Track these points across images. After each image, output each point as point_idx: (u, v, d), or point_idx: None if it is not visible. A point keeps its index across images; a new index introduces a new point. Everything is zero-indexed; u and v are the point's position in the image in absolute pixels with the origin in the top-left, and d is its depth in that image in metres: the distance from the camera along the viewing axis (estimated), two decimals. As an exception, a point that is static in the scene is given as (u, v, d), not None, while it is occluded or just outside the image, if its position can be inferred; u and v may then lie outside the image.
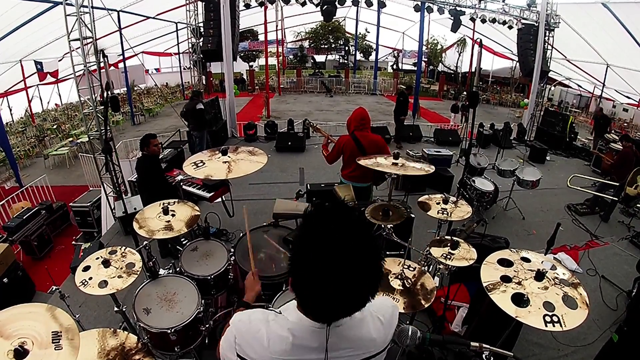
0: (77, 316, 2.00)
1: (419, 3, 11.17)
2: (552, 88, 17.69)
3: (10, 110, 12.59)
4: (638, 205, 5.16)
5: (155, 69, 21.04)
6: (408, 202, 4.32)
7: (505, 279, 1.87)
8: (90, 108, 5.33)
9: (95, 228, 5.75)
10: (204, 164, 2.53)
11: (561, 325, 1.62)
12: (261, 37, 22.56)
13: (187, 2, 11.09)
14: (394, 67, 27.31)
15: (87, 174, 7.76)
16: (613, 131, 11.47)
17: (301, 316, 0.94)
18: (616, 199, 5.31)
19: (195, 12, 10.74)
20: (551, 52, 11.35)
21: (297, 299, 0.94)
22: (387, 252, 2.81)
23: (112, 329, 1.90)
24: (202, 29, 10.45)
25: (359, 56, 26.72)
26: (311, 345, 0.93)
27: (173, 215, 2.59)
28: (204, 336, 2.30)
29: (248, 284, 1.50)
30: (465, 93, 17.96)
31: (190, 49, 11.90)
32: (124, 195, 5.16)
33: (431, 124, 11.95)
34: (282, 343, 0.92)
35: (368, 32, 25.92)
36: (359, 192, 3.58)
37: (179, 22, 15.71)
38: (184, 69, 18.70)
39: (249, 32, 23.53)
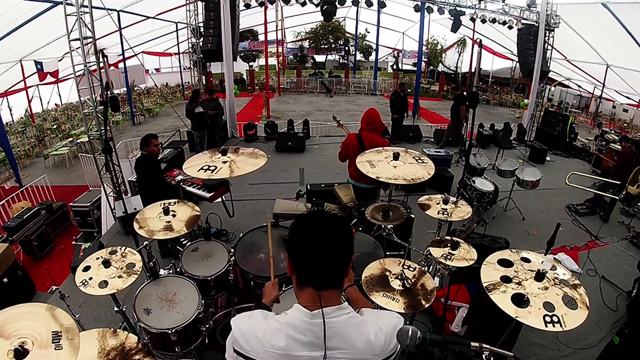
0: (77, 316, 1.99)
1: (419, 3, 11.16)
2: (552, 88, 17.68)
3: (10, 110, 12.56)
4: (639, 204, 5.17)
5: (155, 69, 21.00)
6: (408, 202, 4.32)
7: (506, 279, 1.87)
8: (90, 108, 5.32)
9: (95, 228, 5.75)
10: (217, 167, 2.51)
11: (561, 326, 1.62)
12: (261, 37, 22.51)
13: (187, 2, 11.07)
14: (394, 67, 27.26)
15: (87, 174, 7.75)
16: (613, 131, 11.46)
17: (298, 310, 1.00)
18: (617, 197, 5.31)
19: (195, 12, 10.72)
20: (551, 53, 11.34)
21: (293, 269, 1.06)
22: (387, 252, 2.81)
23: (112, 329, 1.90)
24: (202, 29, 10.42)
25: (359, 56, 26.68)
26: (305, 339, 0.96)
27: (174, 215, 2.59)
28: (204, 336, 2.30)
29: (266, 290, 1.54)
30: (465, 93, 17.92)
31: (190, 49, 11.88)
32: (124, 195, 5.18)
33: (431, 125, 11.94)
34: (276, 336, 0.97)
35: (368, 32, 25.85)
36: (363, 193, 3.54)
37: (179, 22, 15.67)
38: (184, 69, 18.69)
39: (249, 32, 23.47)
